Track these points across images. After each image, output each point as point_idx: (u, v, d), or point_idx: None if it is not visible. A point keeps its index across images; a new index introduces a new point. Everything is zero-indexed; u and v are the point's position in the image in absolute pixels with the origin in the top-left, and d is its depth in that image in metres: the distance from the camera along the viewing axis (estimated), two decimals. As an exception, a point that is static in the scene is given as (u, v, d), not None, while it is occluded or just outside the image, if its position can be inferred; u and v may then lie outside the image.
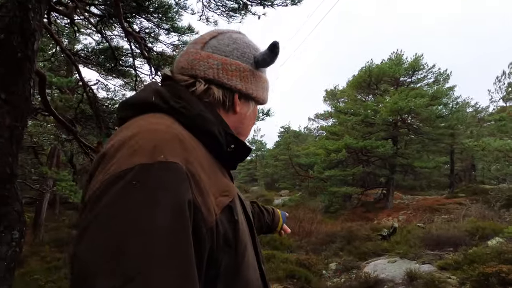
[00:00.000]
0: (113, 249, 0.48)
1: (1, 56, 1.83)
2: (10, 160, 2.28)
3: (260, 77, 0.82)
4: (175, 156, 0.57)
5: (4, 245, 2.63)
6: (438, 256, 6.72)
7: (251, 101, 0.81)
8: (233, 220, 0.66)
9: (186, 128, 0.67)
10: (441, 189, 19.67)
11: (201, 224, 0.57)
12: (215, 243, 0.60)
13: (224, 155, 0.73)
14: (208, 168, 0.65)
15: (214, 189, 0.63)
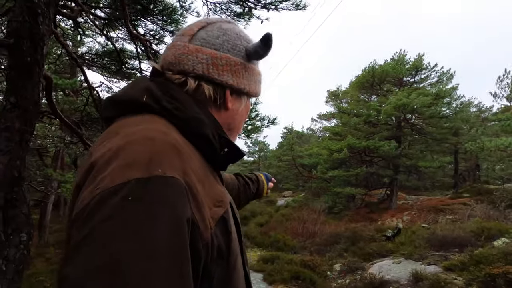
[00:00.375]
0: (110, 270, 0.43)
1: (11, 60, 1.84)
2: (18, 163, 2.30)
3: (252, 70, 0.76)
4: (173, 169, 0.52)
5: (13, 247, 2.65)
6: (443, 257, 6.68)
7: (244, 96, 0.77)
8: (227, 231, 0.63)
9: (179, 130, 0.63)
10: (445, 189, 19.60)
11: (198, 239, 0.54)
12: (209, 257, 0.57)
13: (217, 158, 0.69)
14: (203, 176, 0.61)
15: (208, 199, 0.59)
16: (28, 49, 1.82)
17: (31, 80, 1.87)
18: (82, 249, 0.45)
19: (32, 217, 3.10)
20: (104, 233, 0.45)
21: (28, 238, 2.92)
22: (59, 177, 8.93)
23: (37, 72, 1.89)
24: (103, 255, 0.44)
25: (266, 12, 4.12)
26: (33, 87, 1.88)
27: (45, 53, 1.95)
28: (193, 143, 0.64)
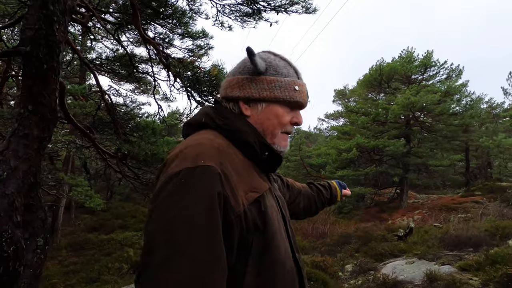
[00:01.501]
0: (166, 230, 0.69)
1: (28, 68, 1.86)
2: (34, 170, 2.32)
3: (263, 80, 0.93)
4: (212, 161, 0.76)
5: (30, 252, 2.67)
6: (458, 257, 6.58)
7: (260, 103, 0.94)
8: (261, 210, 0.83)
9: (229, 139, 0.88)
10: (457, 188, 19.32)
11: (230, 210, 0.75)
12: (245, 228, 0.78)
13: (261, 160, 0.91)
14: (243, 170, 0.84)
15: (245, 186, 0.81)
16: (44, 56, 1.83)
17: (47, 87, 1.88)
18: (153, 213, 0.73)
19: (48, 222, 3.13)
20: (164, 205, 0.72)
21: (45, 243, 2.94)
22: (70, 180, 9.02)
23: (53, 79, 1.91)
24: (163, 219, 0.71)
25: (275, 14, 4.11)
26: (49, 94, 1.90)
27: (61, 60, 1.96)
28: (239, 148, 0.89)
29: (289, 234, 0.95)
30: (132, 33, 4.91)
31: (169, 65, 3.82)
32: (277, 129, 0.96)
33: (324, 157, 20.24)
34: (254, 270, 0.80)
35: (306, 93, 0.99)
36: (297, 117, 0.99)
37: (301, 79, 1.00)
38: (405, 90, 16.98)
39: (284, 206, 0.99)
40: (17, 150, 1.80)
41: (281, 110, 0.95)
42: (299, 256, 0.96)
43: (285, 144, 0.99)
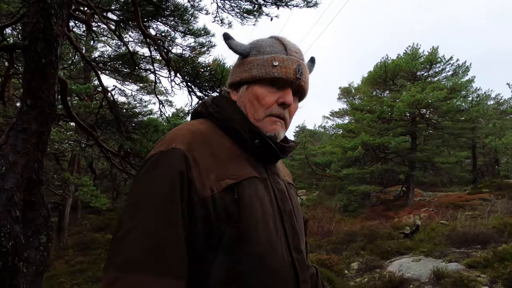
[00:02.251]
0: (134, 203, 0.75)
1: (26, 62, 1.85)
2: (36, 166, 2.31)
3: (245, 62, 0.92)
4: (182, 144, 0.80)
5: (33, 249, 2.67)
6: (465, 254, 6.49)
7: (242, 86, 0.92)
8: (234, 198, 0.78)
9: (220, 127, 0.89)
10: (464, 185, 19.12)
11: (193, 193, 0.75)
12: (213, 215, 0.76)
13: (254, 148, 0.87)
14: (225, 156, 0.83)
15: (219, 171, 0.80)
16: (42, 50, 1.82)
17: (46, 81, 1.87)
18: (130, 191, 0.81)
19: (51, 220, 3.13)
20: (136, 184, 0.79)
21: (47, 240, 2.94)
22: (75, 180, 9.06)
23: (51, 73, 1.89)
24: (133, 195, 0.78)
25: (276, 9, 4.06)
26: (48, 89, 1.89)
27: (59, 54, 1.95)
28: (230, 136, 0.88)
29: (286, 231, 0.86)
30: (134, 31, 4.91)
31: (170, 60, 3.81)
32: (259, 111, 0.89)
33: (329, 156, 20.16)
34: (224, 261, 0.76)
35: (291, 67, 0.88)
36: (284, 97, 0.88)
37: (289, 54, 0.90)
38: (410, 87, 16.83)
39: (284, 200, 0.90)
40: (15, 144, 1.79)
41: (260, 90, 0.89)
42: (298, 257, 0.87)
43: (273, 128, 0.89)
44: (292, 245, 0.86)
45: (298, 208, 0.98)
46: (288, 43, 0.94)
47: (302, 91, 0.94)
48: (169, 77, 4.00)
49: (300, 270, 0.85)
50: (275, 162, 0.95)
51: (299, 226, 0.92)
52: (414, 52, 17.46)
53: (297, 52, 0.92)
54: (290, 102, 0.89)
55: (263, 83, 0.89)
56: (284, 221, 0.87)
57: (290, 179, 1.08)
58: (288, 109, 0.92)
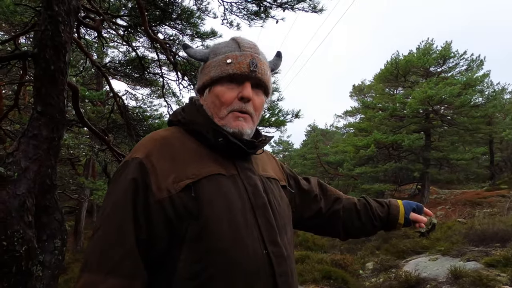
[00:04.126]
0: (101, 210, 0.83)
1: (36, 70, 1.89)
2: (49, 171, 2.35)
3: (205, 67, 0.97)
4: (140, 153, 0.86)
5: (48, 253, 2.71)
6: (484, 253, 6.32)
7: (205, 89, 0.96)
8: (192, 197, 0.81)
9: (187, 131, 0.94)
10: (481, 182, 18.64)
11: (150, 196, 0.80)
12: (173, 214, 0.80)
13: (220, 147, 0.90)
14: (186, 158, 0.87)
15: (178, 173, 0.83)
16: (51, 57, 1.85)
17: (55, 88, 1.90)
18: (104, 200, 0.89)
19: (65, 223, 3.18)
20: (106, 192, 0.87)
21: (62, 244, 2.98)
22: (90, 185, 9.23)
23: (61, 79, 1.93)
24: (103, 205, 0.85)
25: (282, 12, 4.05)
26: (58, 95, 1.92)
27: (67, 61, 1.98)
28: (196, 138, 0.93)
29: (259, 225, 0.87)
30: (143, 36, 4.97)
31: (177, 63, 3.83)
32: (221, 109, 0.93)
33: (341, 155, 19.97)
34: (187, 258, 0.79)
35: (244, 62, 0.91)
36: (242, 91, 0.91)
37: (242, 50, 0.93)
38: (423, 83, 16.52)
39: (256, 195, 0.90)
40: (27, 151, 1.82)
41: (220, 89, 0.93)
42: (274, 250, 0.86)
43: (236, 124, 0.92)
44: (267, 238, 0.86)
45: (279, 202, 0.97)
46: (242, 40, 0.97)
47: (262, 83, 0.95)
48: (177, 80, 4.03)
49: (276, 263, 0.85)
50: (245, 158, 0.96)
51: (278, 220, 0.92)
52: (427, 48, 17.14)
53: (251, 47, 0.95)
54: (248, 95, 0.91)
55: (221, 82, 0.92)
56: (257, 215, 0.87)
57: (275, 174, 1.07)
58: (252, 103, 0.93)
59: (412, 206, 1.30)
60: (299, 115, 4.57)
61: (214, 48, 0.98)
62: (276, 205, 0.94)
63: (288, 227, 0.99)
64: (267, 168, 1.05)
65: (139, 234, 0.79)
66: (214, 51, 0.97)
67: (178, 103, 6.23)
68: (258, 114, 0.97)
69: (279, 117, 4.25)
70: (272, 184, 1.00)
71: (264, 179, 0.98)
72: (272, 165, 1.11)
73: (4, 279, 1.69)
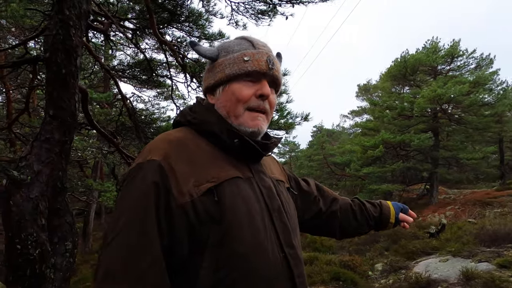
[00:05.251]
0: (115, 216, 0.77)
1: (48, 73, 1.90)
2: (60, 174, 2.37)
3: (216, 65, 0.93)
4: (157, 155, 0.80)
5: (59, 256, 2.73)
6: (495, 253, 6.23)
7: (218, 87, 0.93)
8: (215, 201, 0.79)
9: (198, 132, 0.90)
10: (491, 181, 18.40)
11: (171, 200, 0.76)
12: (195, 219, 0.77)
13: (235, 148, 0.87)
14: (203, 160, 0.84)
15: (198, 176, 0.80)
16: (62, 61, 1.86)
17: (67, 91, 1.91)
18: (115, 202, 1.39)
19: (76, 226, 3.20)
20: (119, 196, 0.82)
21: (73, 246, 3.00)
22: (99, 187, 9.29)
23: (72, 83, 1.94)
24: (116, 208, 0.80)
25: (291, 8, 4.03)
26: (69, 98, 1.93)
27: (79, 64, 1.99)
28: (209, 139, 0.89)
29: (276, 227, 0.86)
30: (151, 38, 4.99)
31: (186, 66, 3.83)
32: (238, 107, 0.90)
33: (348, 155, 19.86)
34: (210, 264, 0.77)
35: (262, 59, 0.90)
36: (261, 89, 0.89)
37: (257, 48, 0.92)
38: (431, 82, 16.36)
39: (272, 198, 0.89)
40: (39, 154, 1.83)
41: (237, 86, 0.90)
42: (291, 252, 0.86)
43: (254, 123, 0.90)
44: (284, 241, 0.86)
45: (289, 204, 0.97)
46: (254, 39, 0.96)
47: (277, 81, 0.95)
48: (186, 82, 4.04)
49: (294, 265, 0.85)
50: (258, 160, 0.95)
51: (291, 222, 0.92)
52: (434, 46, 16.98)
53: (264, 46, 0.94)
54: (268, 92, 0.90)
55: (238, 80, 0.90)
56: (274, 218, 0.87)
57: (280, 176, 1.07)
58: (268, 100, 0.92)
59: (400, 207, 1.39)
60: (308, 118, 4.54)
61: (224, 46, 0.95)
62: (287, 207, 0.94)
63: (298, 228, 0.99)
64: (274, 171, 1.05)
65: (163, 240, 0.75)
66: (224, 49, 0.94)
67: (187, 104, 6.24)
68: (272, 112, 0.96)
69: (288, 119, 4.22)
70: (281, 186, 1.00)
71: (275, 181, 0.97)
72: (276, 167, 1.11)
73: (19, 282, 1.70)
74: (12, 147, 5.82)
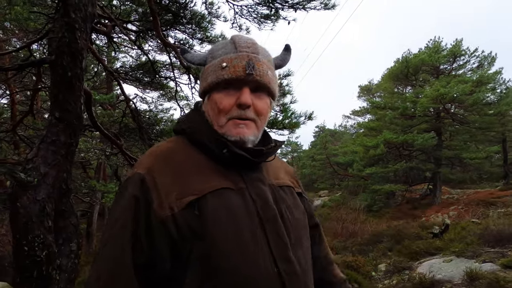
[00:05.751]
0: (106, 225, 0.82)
1: (53, 76, 1.92)
2: (65, 176, 2.39)
3: (203, 72, 0.91)
4: (141, 168, 0.81)
5: (64, 257, 2.75)
6: (500, 254, 6.20)
7: (205, 95, 0.90)
8: (195, 215, 0.75)
9: (191, 141, 0.88)
10: (494, 181, 18.32)
11: (152, 214, 0.75)
12: (176, 234, 0.74)
13: (224, 158, 0.84)
14: (190, 171, 0.82)
15: (180, 189, 0.78)
16: (68, 64, 1.88)
17: (72, 94, 1.92)
18: None
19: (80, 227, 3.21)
20: (111, 206, 0.86)
21: (78, 248, 3.02)
22: (102, 188, 9.31)
23: (77, 86, 1.95)
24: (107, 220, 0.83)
25: (293, 12, 4.04)
26: (75, 101, 1.94)
27: (84, 67, 2.00)
28: (201, 149, 0.87)
29: (269, 240, 0.80)
30: (154, 40, 5.01)
31: (190, 68, 3.85)
32: (220, 117, 0.86)
33: (351, 155, 19.85)
34: (194, 281, 0.74)
35: (239, 64, 0.83)
36: (240, 97, 0.83)
37: (239, 51, 0.85)
38: (434, 81, 16.32)
39: (265, 208, 0.83)
40: (46, 156, 1.85)
41: (217, 96, 0.86)
42: (286, 268, 0.80)
43: (237, 132, 0.84)
44: (277, 255, 0.80)
45: (292, 211, 0.90)
46: (239, 39, 0.89)
47: (262, 85, 0.86)
48: (190, 84, 4.06)
49: (288, 281, 0.79)
50: (253, 168, 0.88)
51: (291, 232, 0.85)
52: (436, 46, 16.95)
53: (248, 46, 0.87)
54: (246, 101, 0.83)
55: (219, 88, 0.86)
56: (267, 231, 0.81)
57: (288, 180, 1.00)
58: (253, 108, 0.85)
59: None
60: (312, 117, 4.55)
61: (212, 51, 0.91)
62: (289, 216, 0.88)
63: (304, 238, 0.92)
64: (280, 175, 0.98)
65: (138, 257, 0.75)
66: (211, 53, 0.90)
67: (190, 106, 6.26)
68: (263, 118, 0.89)
69: (292, 119, 4.24)
70: (285, 192, 0.93)
71: (276, 188, 0.91)
72: (285, 171, 1.04)
73: (26, 283, 1.71)
74: (16, 149, 5.86)
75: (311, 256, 0.94)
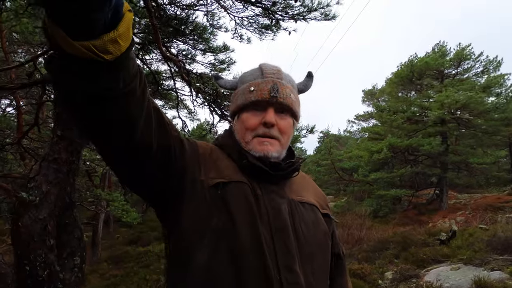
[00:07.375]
0: None
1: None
2: (68, 189, 2.40)
3: (233, 95, 1.05)
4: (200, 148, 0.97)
5: (68, 271, 2.75)
6: (509, 262, 6.10)
7: (235, 116, 1.04)
8: (218, 194, 0.87)
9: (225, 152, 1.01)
10: (502, 185, 18.09)
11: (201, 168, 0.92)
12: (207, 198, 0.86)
13: (246, 168, 0.94)
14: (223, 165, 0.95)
15: (215, 173, 0.91)
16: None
17: (74, 112, 1.94)
18: None
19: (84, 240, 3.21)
20: None
21: (82, 261, 3.02)
22: (107, 196, 9.35)
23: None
24: None
25: (294, 23, 4.06)
26: (77, 119, 1.95)
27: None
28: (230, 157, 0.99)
29: (275, 249, 0.85)
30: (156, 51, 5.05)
31: (191, 81, 3.88)
32: (247, 134, 0.98)
33: (356, 160, 19.74)
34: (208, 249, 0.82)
35: (265, 88, 0.95)
36: (265, 117, 0.95)
37: (265, 77, 0.98)
38: (438, 86, 16.23)
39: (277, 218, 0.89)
40: (47, 174, 1.86)
41: (245, 115, 0.98)
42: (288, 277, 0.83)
43: (261, 148, 0.95)
44: (281, 263, 0.84)
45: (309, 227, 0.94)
46: (266, 67, 1.03)
47: (286, 107, 0.97)
48: (191, 96, 4.08)
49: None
50: (271, 181, 0.96)
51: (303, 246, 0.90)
52: (441, 50, 16.88)
53: (274, 73, 1.00)
54: (271, 120, 0.94)
55: (247, 109, 0.98)
56: (275, 239, 0.86)
57: (315, 200, 1.05)
58: (277, 127, 0.96)
59: None
60: (314, 131, 4.54)
61: (242, 77, 1.05)
62: (303, 230, 0.92)
63: (319, 255, 0.95)
64: (304, 193, 1.04)
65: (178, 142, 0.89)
66: (241, 79, 1.04)
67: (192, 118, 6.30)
68: (287, 137, 1.00)
69: (294, 132, 4.26)
70: (305, 208, 0.98)
71: (295, 202, 0.96)
72: (314, 192, 1.10)
73: (28, 304, 1.71)
74: (22, 160, 5.91)
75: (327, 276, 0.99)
